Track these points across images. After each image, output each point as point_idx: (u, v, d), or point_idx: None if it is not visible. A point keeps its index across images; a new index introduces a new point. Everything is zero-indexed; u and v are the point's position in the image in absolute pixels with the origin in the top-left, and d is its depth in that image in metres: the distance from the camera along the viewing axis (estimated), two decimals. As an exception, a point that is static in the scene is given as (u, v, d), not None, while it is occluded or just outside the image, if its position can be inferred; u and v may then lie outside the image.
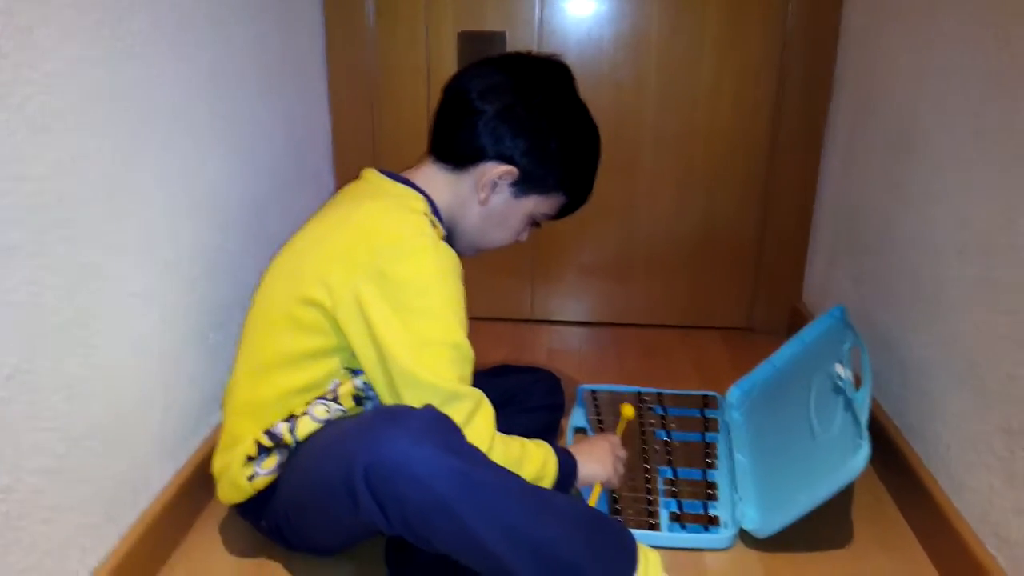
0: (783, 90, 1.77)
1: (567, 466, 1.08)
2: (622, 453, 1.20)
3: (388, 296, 0.95)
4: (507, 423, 1.10)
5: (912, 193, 1.31)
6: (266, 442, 0.99)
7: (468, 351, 0.98)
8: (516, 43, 1.77)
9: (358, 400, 1.01)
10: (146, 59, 1.01)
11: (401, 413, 0.90)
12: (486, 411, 0.97)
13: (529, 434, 1.06)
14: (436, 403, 0.93)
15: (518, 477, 0.92)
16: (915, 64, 1.32)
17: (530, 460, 1.01)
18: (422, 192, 1.08)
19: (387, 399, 0.97)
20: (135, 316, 1.01)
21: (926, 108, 1.27)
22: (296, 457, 0.99)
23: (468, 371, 0.98)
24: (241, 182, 1.32)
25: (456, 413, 0.93)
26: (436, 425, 0.89)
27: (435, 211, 1.09)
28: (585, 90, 1.16)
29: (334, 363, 1.00)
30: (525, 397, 1.32)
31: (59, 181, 0.85)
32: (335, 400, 1.00)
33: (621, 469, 1.18)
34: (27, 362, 0.81)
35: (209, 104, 1.19)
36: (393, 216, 1.02)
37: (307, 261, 1.02)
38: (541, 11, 1.76)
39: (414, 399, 0.94)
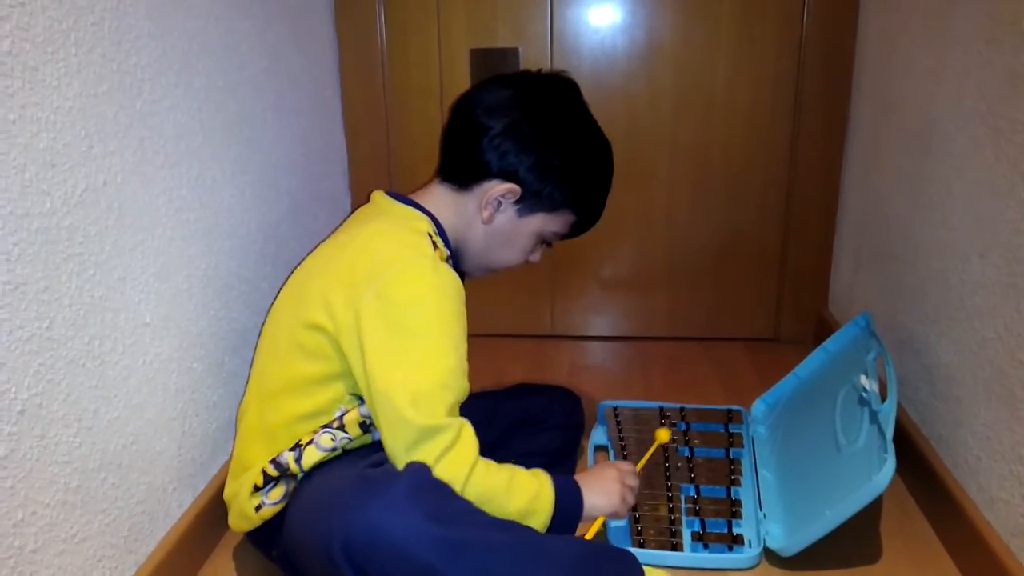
0: (801, 96, 1.75)
1: (568, 498, 1.01)
2: (633, 482, 1.10)
3: (384, 317, 0.94)
4: (526, 443, 1.09)
5: (932, 196, 1.28)
6: (272, 472, 0.99)
7: (459, 377, 0.96)
8: (529, 58, 1.77)
9: (364, 427, 1.00)
10: (155, 90, 1.02)
11: (378, 480, 0.87)
12: (465, 442, 0.94)
13: (549, 454, 1.05)
14: (409, 437, 0.91)
15: (506, 532, 0.89)
16: (932, 65, 1.30)
17: (518, 492, 0.96)
18: (427, 213, 1.08)
19: (375, 420, 0.95)
20: (149, 346, 1.02)
21: (944, 109, 1.25)
22: (295, 502, 0.98)
23: (455, 398, 0.95)
24: (256, 206, 1.32)
25: (432, 448, 0.90)
26: (415, 490, 0.85)
27: (441, 231, 1.08)
28: (599, 102, 1.16)
29: (339, 389, 1.00)
30: (544, 416, 1.29)
31: (68, 216, 0.85)
32: (341, 428, 0.99)
33: (631, 500, 1.09)
34: (39, 396, 0.82)
35: (222, 129, 1.20)
36: (394, 238, 1.02)
37: (312, 286, 1.02)
38: (553, 25, 1.75)
39: (387, 427, 0.92)
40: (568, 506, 1.00)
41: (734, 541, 1.16)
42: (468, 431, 0.95)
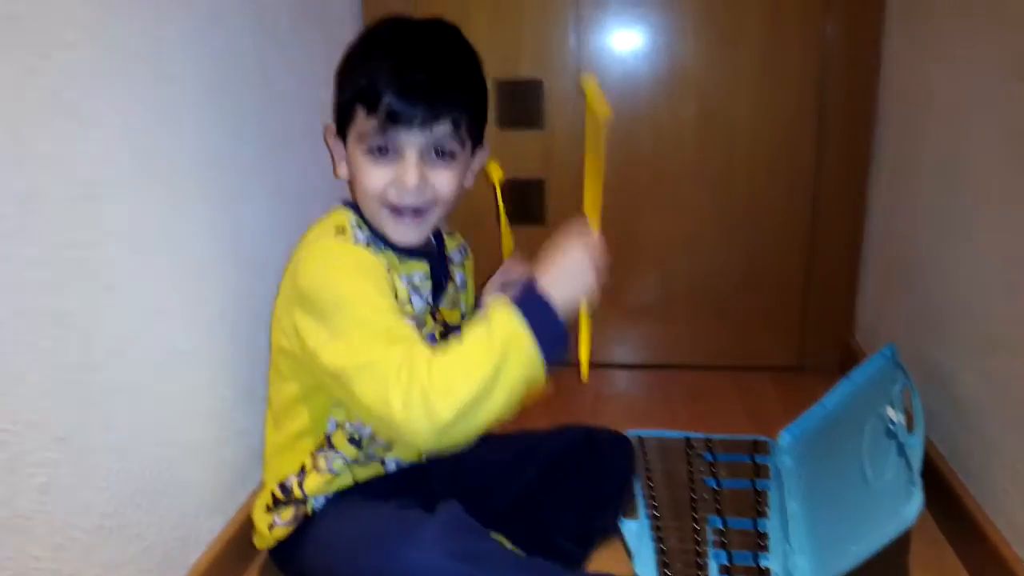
0: (825, 124, 1.75)
1: (537, 312, 0.86)
2: (599, 252, 0.93)
3: (308, 310, 0.94)
4: (565, 490, 1.07)
5: (957, 227, 1.28)
6: (279, 495, 1.03)
7: (386, 322, 0.90)
8: (553, 89, 1.79)
9: (354, 442, 1.03)
10: (192, 121, 1.04)
11: (409, 519, 0.89)
12: (420, 357, 0.85)
13: (592, 503, 1.03)
14: (371, 383, 0.85)
15: (529, 571, 0.90)
16: (957, 97, 1.31)
17: (478, 352, 0.85)
18: (352, 204, 1.07)
19: (352, 406, 0.92)
20: (183, 374, 1.04)
21: (968, 140, 1.25)
22: (320, 534, 1.00)
23: (390, 334, 0.88)
24: (287, 233, 1.33)
25: (391, 376, 0.84)
26: (446, 530, 0.87)
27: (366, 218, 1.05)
28: (623, 130, 1.17)
29: (322, 401, 1.02)
30: (586, 460, 1.18)
31: (107, 247, 0.87)
32: (332, 447, 1.02)
33: (603, 274, 0.93)
34: (78, 423, 0.84)
35: (255, 157, 1.22)
36: (308, 239, 1.04)
37: (276, 310, 1.07)
38: (578, 57, 1.78)
39: (353, 388, 0.87)
40: (542, 320, 0.86)
41: (761, 574, 1.15)
42: (417, 344, 0.88)
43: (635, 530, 1.23)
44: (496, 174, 1.16)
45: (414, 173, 0.97)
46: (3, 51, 0.73)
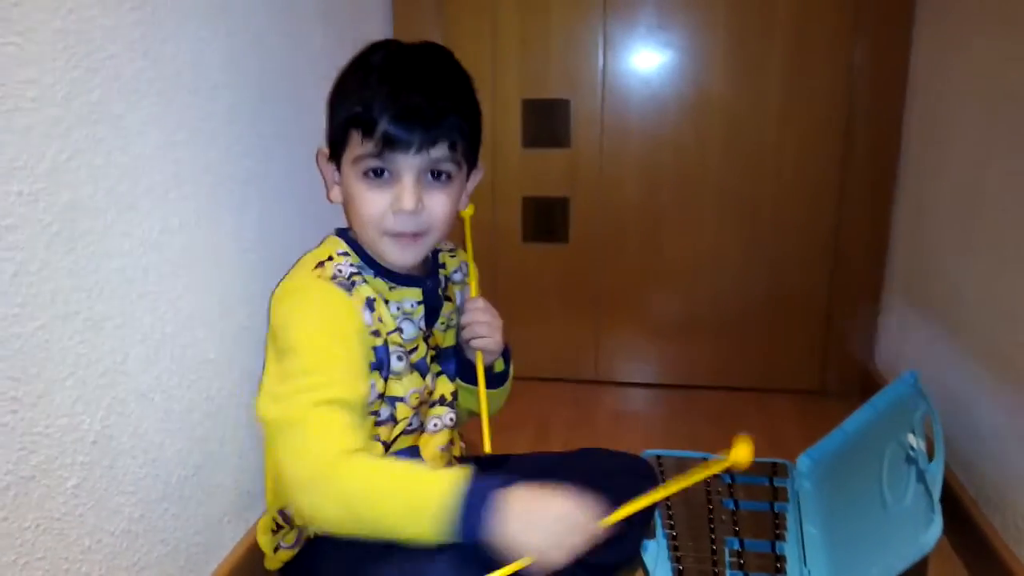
0: (850, 148, 1.76)
1: (476, 518, 0.79)
2: (590, 534, 0.83)
3: (271, 342, 0.97)
4: None
5: (980, 255, 1.29)
6: (280, 521, 1.04)
7: (328, 377, 0.90)
8: (580, 109, 1.81)
9: None
10: (228, 137, 1.07)
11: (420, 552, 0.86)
12: (327, 433, 0.87)
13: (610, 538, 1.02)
14: (289, 441, 0.87)
15: None
16: (983, 123, 1.31)
17: (401, 492, 0.84)
18: (343, 232, 1.07)
19: (269, 450, 0.99)
20: (212, 380, 1.06)
21: (993, 169, 1.26)
22: (330, 554, 0.99)
23: (324, 396, 0.88)
24: (312, 245, 1.36)
25: (308, 442, 0.86)
26: (462, 560, 0.83)
27: (355, 243, 1.05)
28: (649, 151, 1.18)
29: None
30: (608, 487, 1.06)
31: (145, 256, 0.90)
32: None
33: (574, 550, 0.81)
34: (110, 428, 0.86)
35: (286, 174, 1.24)
36: (294, 268, 1.04)
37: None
38: (604, 77, 1.80)
39: (283, 447, 0.88)
40: (473, 520, 0.79)
41: (778, 596, 1.15)
42: (336, 424, 0.87)
43: (652, 549, 1.23)
44: (466, 210, 1.12)
45: (411, 197, 0.96)
46: (53, 64, 0.75)
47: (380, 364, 0.99)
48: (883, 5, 1.68)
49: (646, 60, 1.78)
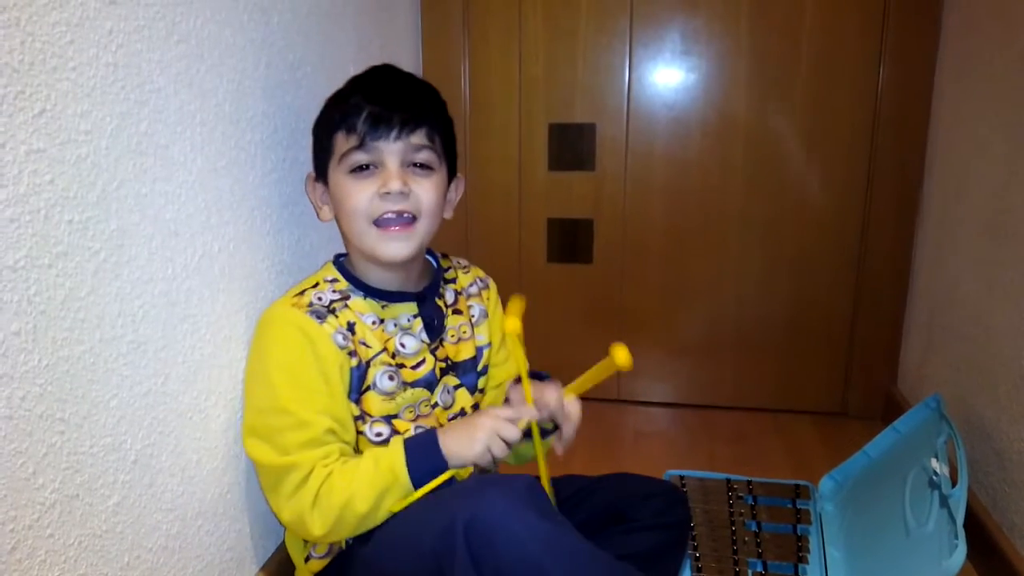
0: (873, 174, 1.77)
1: (421, 456, 0.96)
2: (509, 433, 0.98)
3: (248, 368, 1.05)
4: (609, 543, 1.05)
5: (1005, 281, 1.29)
6: None
7: (303, 417, 0.95)
8: (605, 133, 1.84)
9: None
10: (266, 164, 1.10)
11: (502, 479, 0.92)
12: (316, 478, 0.94)
13: (644, 557, 1.03)
14: (270, 481, 0.97)
15: (605, 552, 0.90)
16: (1007, 150, 1.32)
17: (365, 482, 0.94)
18: (337, 259, 1.10)
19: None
20: (246, 401, 1.08)
21: (1017, 193, 1.27)
22: (374, 539, 1.01)
23: (302, 437, 0.95)
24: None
25: (286, 486, 0.95)
26: (533, 491, 0.89)
27: (345, 269, 1.09)
28: (672, 175, 1.20)
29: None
30: (635, 513, 1.11)
31: (187, 280, 0.93)
32: None
33: (499, 451, 0.98)
34: (151, 447, 0.88)
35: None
36: (273, 303, 1.07)
37: None
38: (629, 102, 1.82)
39: (263, 484, 1.00)
40: (425, 457, 0.96)
41: (801, 620, 1.16)
42: (319, 466, 0.95)
43: (675, 571, 1.24)
44: (513, 325, 1.05)
45: (396, 178, 1.00)
46: (103, 97, 0.78)
47: (355, 387, 1.01)
48: (907, 31, 1.69)
49: (671, 85, 1.80)
